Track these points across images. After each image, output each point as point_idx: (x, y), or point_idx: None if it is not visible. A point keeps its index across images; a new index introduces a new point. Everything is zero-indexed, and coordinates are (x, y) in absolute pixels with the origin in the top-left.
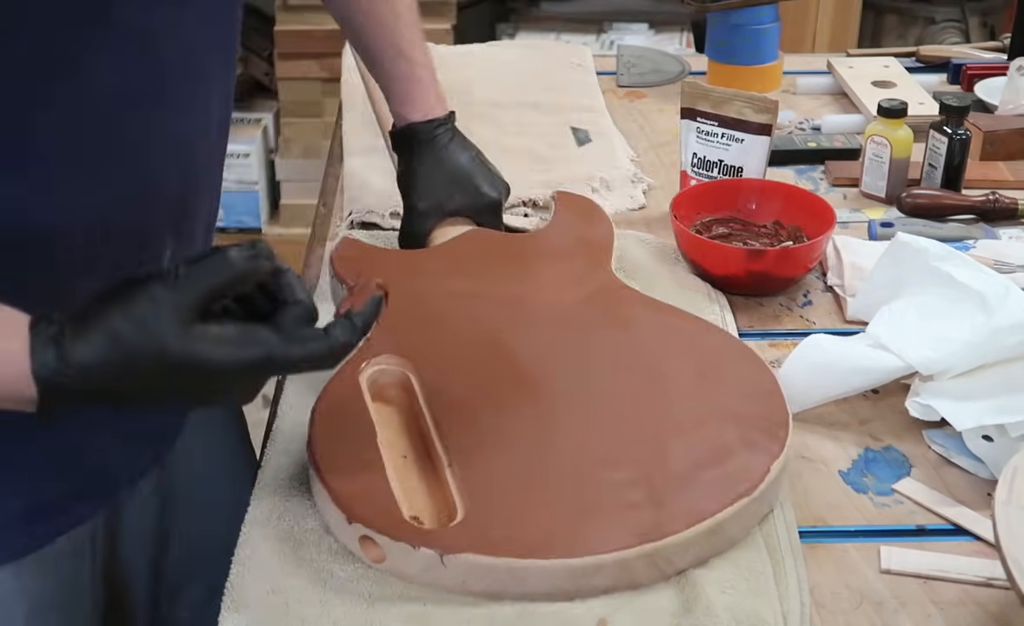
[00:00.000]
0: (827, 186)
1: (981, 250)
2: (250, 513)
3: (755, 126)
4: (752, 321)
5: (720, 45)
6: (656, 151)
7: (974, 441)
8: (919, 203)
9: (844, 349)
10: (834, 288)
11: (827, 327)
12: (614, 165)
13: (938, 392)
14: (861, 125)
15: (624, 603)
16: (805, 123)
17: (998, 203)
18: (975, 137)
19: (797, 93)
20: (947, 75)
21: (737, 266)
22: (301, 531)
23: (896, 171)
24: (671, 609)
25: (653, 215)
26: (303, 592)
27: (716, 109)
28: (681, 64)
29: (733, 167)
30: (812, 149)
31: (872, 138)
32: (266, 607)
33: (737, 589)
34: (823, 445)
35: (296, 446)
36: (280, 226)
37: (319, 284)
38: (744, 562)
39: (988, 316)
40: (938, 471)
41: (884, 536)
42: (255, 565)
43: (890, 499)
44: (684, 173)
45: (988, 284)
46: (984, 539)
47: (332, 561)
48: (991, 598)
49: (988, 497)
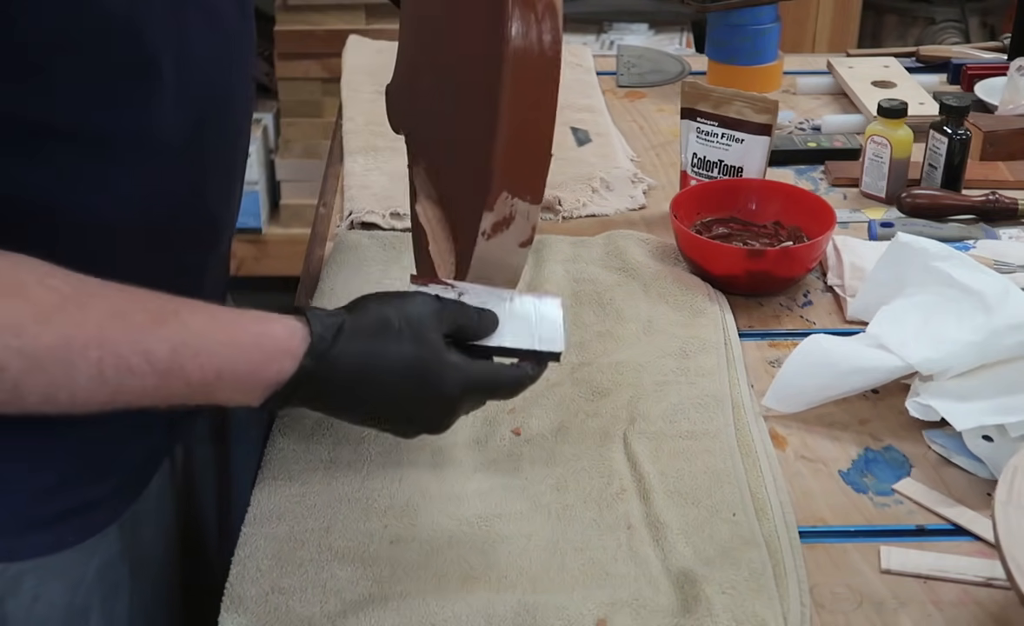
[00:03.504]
0: (827, 186)
1: (981, 250)
2: (250, 513)
3: (755, 126)
4: (752, 321)
5: (720, 45)
6: (656, 151)
7: (974, 441)
8: (919, 203)
9: (844, 349)
10: (834, 288)
11: (827, 327)
12: (614, 165)
13: (938, 392)
14: (861, 125)
15: (624, 603)
16: (805, 123)
17: (998, 203)
18: (975, 137)
19: (797, 93)
20: (947, 75)
21: (737, 266)
22: (301, 531)
23: (896, 171)
24: (671, 609)
25: (653, 215)
26: (303, 592)
27: (716, 109)
28: (681, 64)
29: (733, 167)
30: (812, 149)
31: (872, 138)
32: (266, 607)
33: (737, 589)
34: (823, 445)
35: (296, 446)
36: (280, 226)
37: (319, 284)
38: (744, 562)
39: (988, 316)
40: (938, 471)
41: (884, 536)
42: (255, 565)
43: (890, 499)
44: (684, 173)
45: (988, 284)
46: (984, 539)
47: (332, 561)
48: (991, 598)
49: (988, 497)
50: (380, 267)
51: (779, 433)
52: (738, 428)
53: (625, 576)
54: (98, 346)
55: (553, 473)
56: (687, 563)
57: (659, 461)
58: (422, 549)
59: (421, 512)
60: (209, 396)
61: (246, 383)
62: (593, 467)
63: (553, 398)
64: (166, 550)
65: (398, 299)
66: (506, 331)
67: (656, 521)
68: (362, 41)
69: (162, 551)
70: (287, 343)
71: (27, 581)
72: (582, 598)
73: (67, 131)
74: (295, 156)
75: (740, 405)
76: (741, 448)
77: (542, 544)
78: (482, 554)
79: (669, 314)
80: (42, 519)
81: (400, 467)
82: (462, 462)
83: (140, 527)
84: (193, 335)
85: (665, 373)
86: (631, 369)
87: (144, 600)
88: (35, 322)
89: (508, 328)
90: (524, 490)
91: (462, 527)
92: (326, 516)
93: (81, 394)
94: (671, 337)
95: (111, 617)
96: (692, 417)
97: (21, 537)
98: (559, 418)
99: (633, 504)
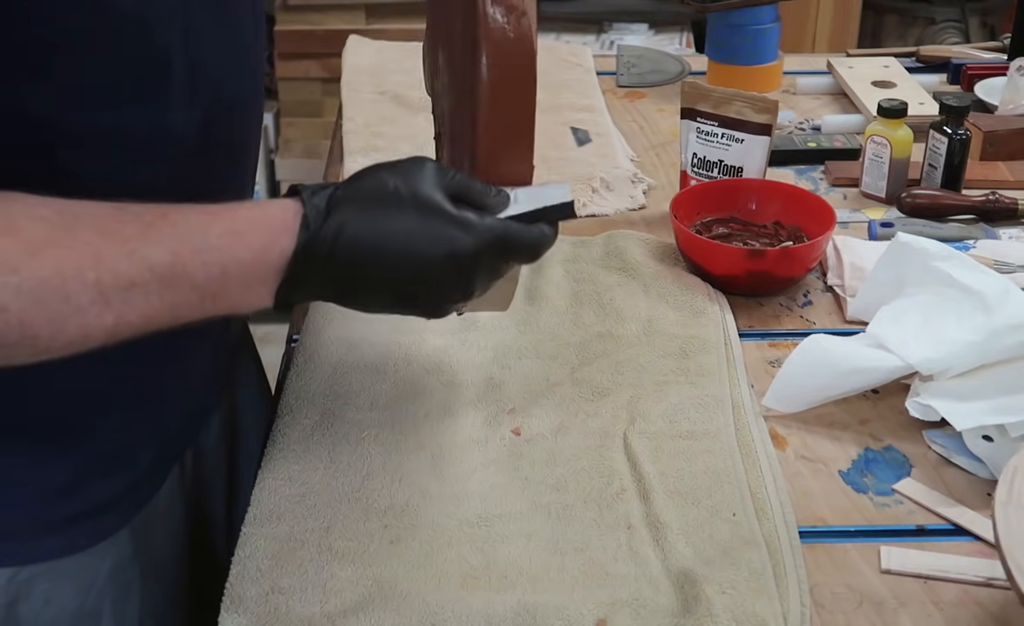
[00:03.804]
0: (827, 186)
1: (981, 250)
2: (250, 513)
3: (755, 126)
4: (752, 321)
5: (720, 45)
6: (656, 151)
7: (974, 441)
8: (919, 203)
9: (844, 349)
10: (834, 288)
11: (827, 327)
12: (614, 165)
13: (938, 392)
14: (861, 125)
15: (624, 603)
16: (805, 123)
17: (998, 203)
18: (975, 137)
19: (797, 93)
20: (947, 75)
21: (737, 266)
22: (301, 531)
23: (896, 171)
24: (671, 609)
25: (653, 215)
26: (303, 592)
27: (716, 109)
28: (681, 64)
29: (733, 167)
30: (812, 149)
31: (872, 138)
32: (266, 607)
33: (737, 589)
34: (823, 445)
35: (296, 446)
36: None
37: None
38: (744, 562)
39: (988, 316)
40: (938, 471)
41: (884, 536)
42: (255, 565)
43: (890, 499)
44: (684, 173)
45: (988, 284)
46: (984, 539)
47: (332, 561)
48: (991, 598)
49: (988, 497)
50: None
51: (779, 433)
52: (738, 428)
53: (625, 576)
54: (94, 266)
55: (553, 473)
56: (687, 563)
57: (659, 461)
58: (422, 549)
59: (421, 512)
60: (220, 301)
61: (253, 274)
62: (593, 467)
63: (553, 398)
64: (176, 553)
65: (395, 164)
66: (515, 205)
67: (656, 521)
68: (362, 41)
69: (172, 554)
70: (283, 221)
71: (39, 584)
72: (582, 598)
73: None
74: (295, 156)
75: (740, 405)
76: (741, 448)
77: (542, 544)
78: (482, 554)
79: (669, 314)
80: (54, 522)
81: (400, 467)
82: (462, 462)
83: (151, 530)
84: (190, 232)
85: (665, 373)
86: (631, 369)
87: (155, 603)
88: (28, 255)
89: (517, 203)
90: (524, 490)
91: (462, 527)
92: (326, 516)
93: (90, 322)
94: (671, 337)
95: (122, 620)
96: (692, 417)
97: (33, 540)
98: (559, 418)
99: (633, 504)
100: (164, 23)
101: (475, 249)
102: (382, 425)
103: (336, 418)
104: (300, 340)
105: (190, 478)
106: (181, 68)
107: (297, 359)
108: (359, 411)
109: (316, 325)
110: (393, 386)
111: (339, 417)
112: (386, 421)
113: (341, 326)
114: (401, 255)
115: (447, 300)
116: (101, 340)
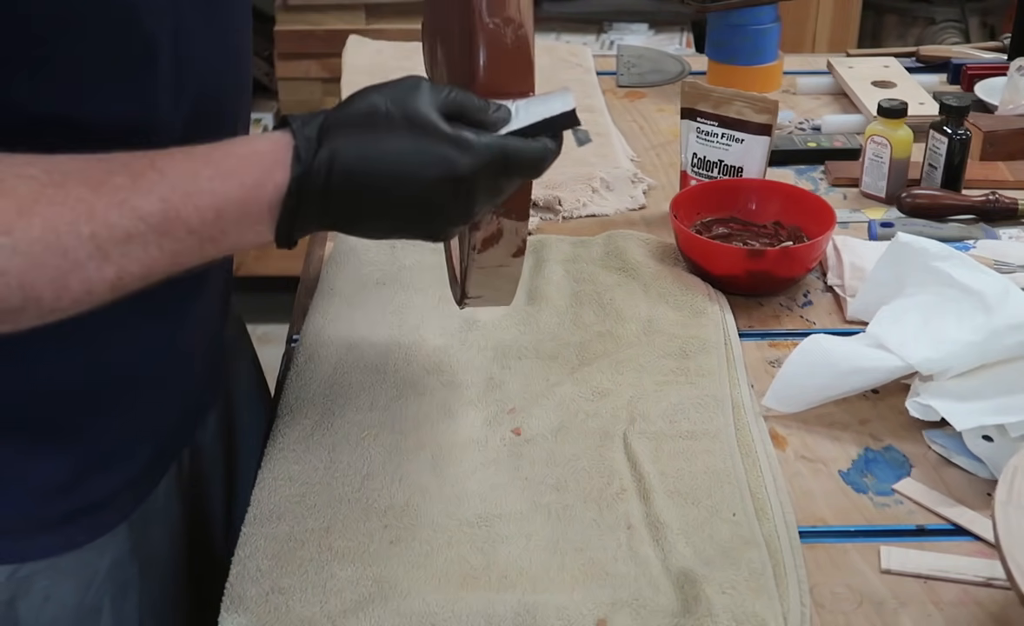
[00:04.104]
0: (827, 186)
1: (981, 250)
2: (250, 513)
3: (755, 126)
4: (752, 321)
5: (720, 45)
6: (656, 151)
7: (974, 441)
8: (919, 203)
9: (844, 349)
10: (834, 288)
11: (827, 327)
12: (614, 165)
13: (938, 392)
14: (861, 125)
15: (624, 603)
16: (805, 123)
17: (998, 203)
18: (975, 137)
19: (797, 93)
20: (947, 75)
21: (737, 266)
22: (301, 531)
23: (896, 171)
24: (671, 609)
25: (653, 215)
26: (303, 592)
27: (716, 109)
28: (681, 64)
29: (733, 167)
30: (812, 149)
31: (872, 138)
32: (266, 607)
33: (737, 589)
34: (823, 445)
35: (296, 446)
36: None
37: (319, 284)
38: (744, 562)
39: (988, 316)
40: (938, 471)
41: (884, 536)
42: (255, 565)
43: (890, 499)
44: (684, 173)
45: (988, 284)
46: (984, 539)
47: (332, 561)
48: (991, 598)
49: (988, 497)
50: (380, 267)
51: (779, 433)
52: (738, 428)
53: (625, 576)
54: (87, 220)
55: (553, 473)
56: (687, 563)
57: (659, 461)
58: (422, 549)
59: (421, 512)
60: (220, 242)
61: (248, 211)
62: (593, 467)
63: (553, 398)
64: (175, 551)
65: (388, 84)
66: (515, 120)
67: (656, 521)
68: (362, 41)
69: (171, 552)
70: (274, 156)
71: (38, 582)
72: (582, 598)
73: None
74: None
75: (740, 405)
76: (741, 448)
77: (542, 544)
78: (482, 554)
79: (669, 314)
80: (53, 519)
81: (400, 467)
82: (462, 462)
83: (149, 526)
84: (179, 178)
85: (665, 373)
86: (631, 369)
87: (153, 599)
88: (19, 215)
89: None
90: (524, 490)
91: (462, 527)
92: (326, 516)
93: (92, 277)
94: (671, 337)
95: (121, 616)
96: (692, 417)
97: (32, 538)
98: (559, 418)
99: (633, 504)
100: (153, 14)
101: (472, 169)
102: (382, 425)
103: (336, 418)
104: (300, 340)
105: (187, 476)
106: (168, 60)
107: (297, 359)
108: (359, 411)
109: (316, 325)
110: (393, 386)
111: (339, 417)
112: (386, 421)
113: (341, 326)
114: (394, 178)
115: (448, 222)
116: (106, 295)
